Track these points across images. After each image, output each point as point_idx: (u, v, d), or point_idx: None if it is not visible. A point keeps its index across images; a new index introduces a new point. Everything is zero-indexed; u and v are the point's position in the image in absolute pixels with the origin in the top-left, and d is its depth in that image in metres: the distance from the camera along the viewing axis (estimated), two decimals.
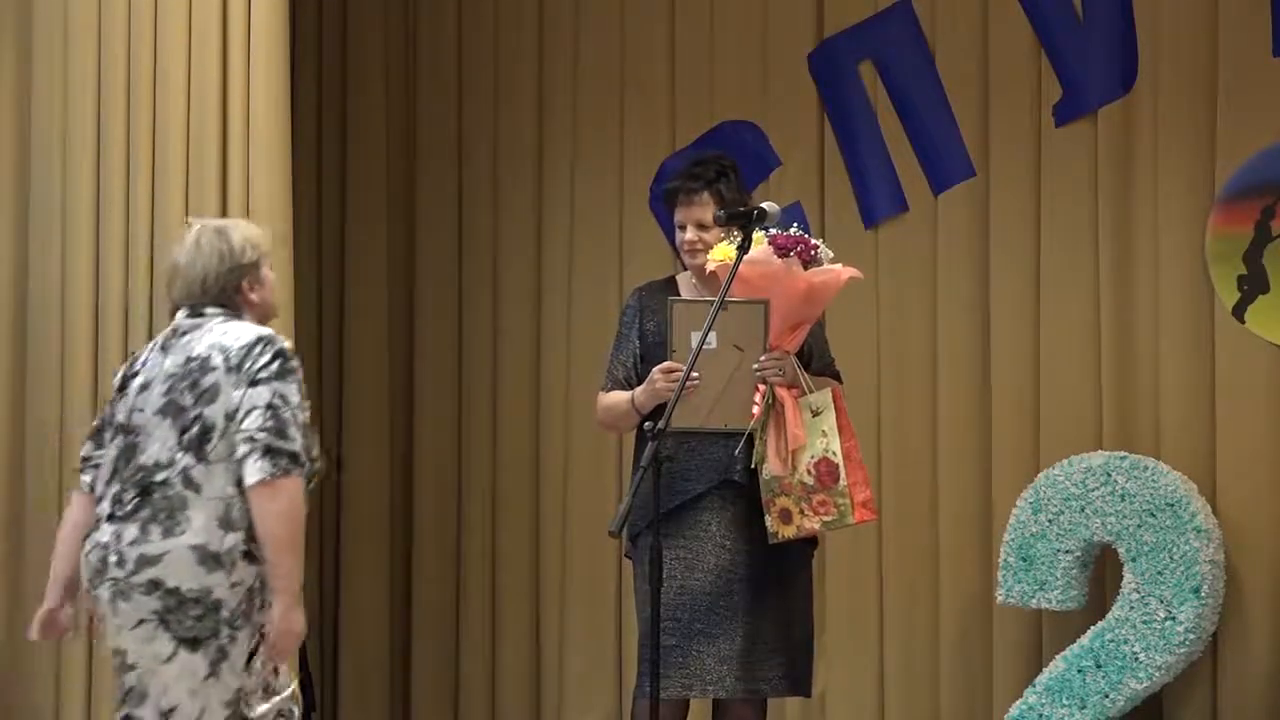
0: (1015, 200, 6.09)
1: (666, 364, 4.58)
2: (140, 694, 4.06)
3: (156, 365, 4.14)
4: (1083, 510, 5.65)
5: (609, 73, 6.74)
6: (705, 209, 4.72)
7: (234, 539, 4.01)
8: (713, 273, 4.65)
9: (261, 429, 3.97)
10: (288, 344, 4.12)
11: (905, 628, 6.24)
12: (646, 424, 4.36)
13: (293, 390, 4.03)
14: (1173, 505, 5.55)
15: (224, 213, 5.48)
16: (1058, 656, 5.69)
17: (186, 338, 4.13)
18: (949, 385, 6.19)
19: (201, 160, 5.51)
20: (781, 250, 4.53)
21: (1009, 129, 6.09)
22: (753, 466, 4.63)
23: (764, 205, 4.51)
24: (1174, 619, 5.49)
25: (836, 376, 4.87)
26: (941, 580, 6.17)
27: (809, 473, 4.56)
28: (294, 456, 3.98)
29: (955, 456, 6.17)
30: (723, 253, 4.58)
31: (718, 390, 4.53)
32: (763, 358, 4.54)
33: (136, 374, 4.18)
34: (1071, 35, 5.99)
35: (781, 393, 4.59)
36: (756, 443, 4.60)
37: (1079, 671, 5.59)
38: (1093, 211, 5.94)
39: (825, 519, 4.56)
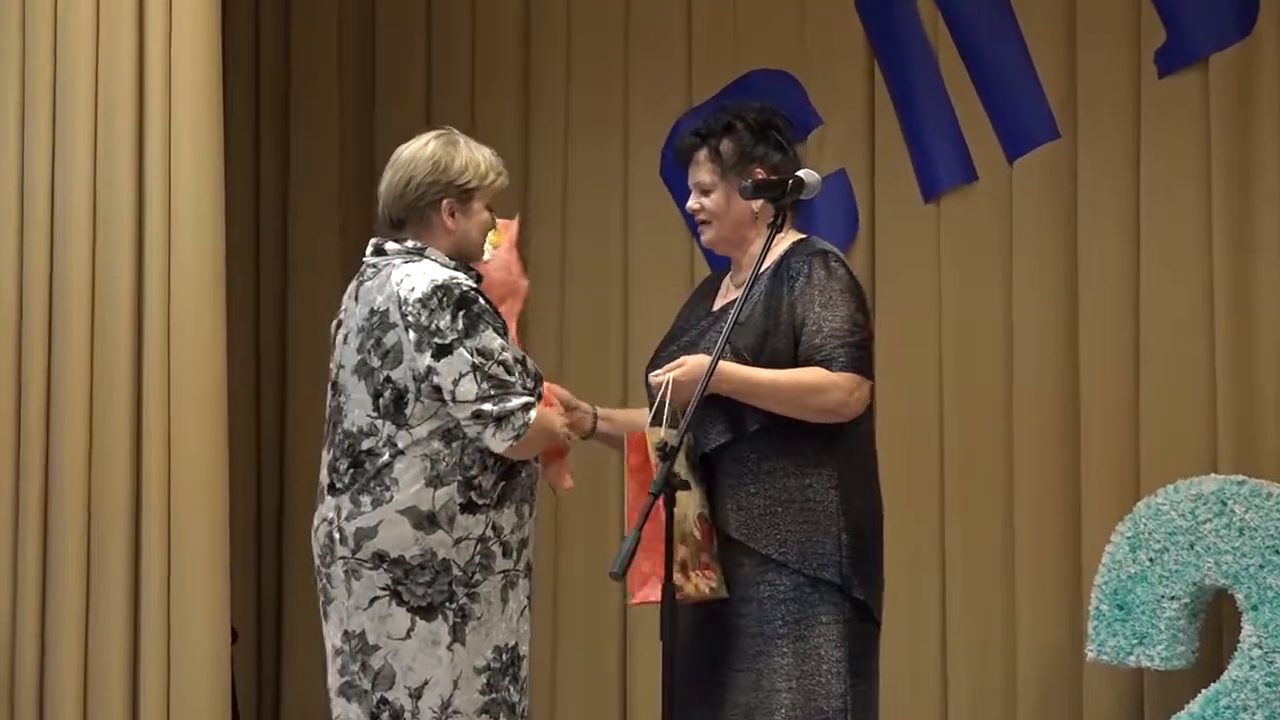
0: (1108, 167, 5.80)
1: None
2: (388, 676, 4.16)
3: (352, 314, 4.30)
4: (1192, 547, 5.38)
5: (611, 15, 6.53)
6: (701, 169, 4.40)
7: (445, 494, 4.15)
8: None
9: (481, 398, 4.11)
10: (466, 284, 4.19)
11: (974, 690, 5.96)
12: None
13: (488, 337, 4.14)
14: None
15: (139, 225, 5.34)
16: None
17: (370, 284, 4.27)
18: (1027, 392, 5.90)
19: (111, 159, 5.31)
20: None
21: (1101, 81, 5.81)
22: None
23: (800, 174, 4.20)
24: None
25: (825, 364, 4.16)
26: (1019, 633, 5.89)
27: (695, 525, 4.12)
28: (525, 406, 4.14)
29: (1035, 480, 5.88)
30: (494, 239, 4.42)
31: None
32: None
33: (343, 322, 4.36)
34: None
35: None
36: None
37: None
38: (1203, 180, 5.66)
39: (711, 584, 4.08)
